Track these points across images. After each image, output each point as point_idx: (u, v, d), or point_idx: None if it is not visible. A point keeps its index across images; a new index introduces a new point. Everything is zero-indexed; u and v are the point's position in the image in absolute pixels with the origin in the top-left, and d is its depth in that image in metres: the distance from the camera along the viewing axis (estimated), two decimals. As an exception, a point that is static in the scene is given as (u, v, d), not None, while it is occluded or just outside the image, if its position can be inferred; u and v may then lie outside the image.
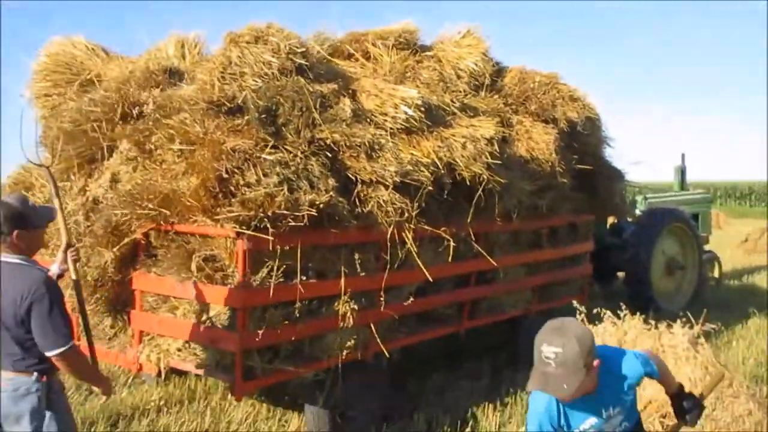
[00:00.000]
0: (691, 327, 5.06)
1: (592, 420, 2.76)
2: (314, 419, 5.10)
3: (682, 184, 12.08)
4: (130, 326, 5.02)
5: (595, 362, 2.59)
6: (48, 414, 3.24)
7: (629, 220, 10.07)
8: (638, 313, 5.28)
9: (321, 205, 4.44)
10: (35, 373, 3.20)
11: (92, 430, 5.28)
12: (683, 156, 12.06)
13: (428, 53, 6.21)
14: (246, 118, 4.58)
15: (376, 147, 4.79)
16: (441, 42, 6.39)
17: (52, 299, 3.16)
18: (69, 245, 3.83)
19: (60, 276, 3.82)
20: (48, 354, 3.14)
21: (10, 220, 3.18)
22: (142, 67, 5.48)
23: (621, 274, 10.02)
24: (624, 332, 5.07)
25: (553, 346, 2.54)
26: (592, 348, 2.59)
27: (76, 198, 5.09)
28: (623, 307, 5.33)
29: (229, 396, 5.93)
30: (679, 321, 4.97)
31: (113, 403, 5.91)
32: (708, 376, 4.55)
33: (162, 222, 4.61)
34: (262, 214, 4.25)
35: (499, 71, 6.70)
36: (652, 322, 5.12)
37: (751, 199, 45.63)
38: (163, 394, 6.11)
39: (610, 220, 10.17)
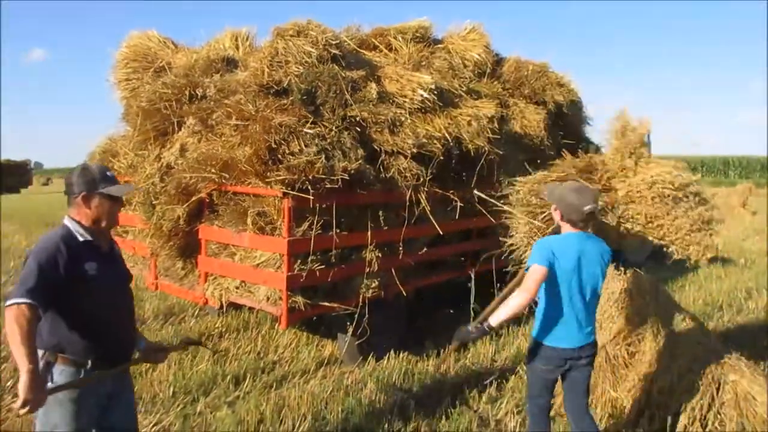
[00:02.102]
0: (653, 273, 5.02)
1: (573, 261, 3.04)
2: (345, 345, 5.15)
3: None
4: (197, 268, 5.06)
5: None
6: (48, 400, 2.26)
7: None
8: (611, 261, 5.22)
9: (352, 171, 4.42)
10: (42, 351, 2.38)
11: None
12: (648, 134, 11.84)
13: (440, 45, 6.10)
14: (290, 98, 4.54)
15: (397, 123, 4.75)
16: (450, 36, 6.27)
17: (35, 251, 2.42)
18: None
19: None
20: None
21: (81, 181, 2.62)
22: (204, 57, 5.43)
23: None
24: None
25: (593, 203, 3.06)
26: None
27: (153, 164, 5.09)
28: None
29: (276, 326, 6.01)
30: (644, 268, 4.92)
31: (183, 329, 6.01)
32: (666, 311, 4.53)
33: (222, 184, 4.61)
34: (304, 178, 4.25)
35: (499, 61, 6.58)
36: (622, 269, 5.07)
37: (703, 170, 45.02)
38: (223, 324, 6.17)
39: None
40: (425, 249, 5.34)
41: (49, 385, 2.37)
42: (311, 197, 4.28)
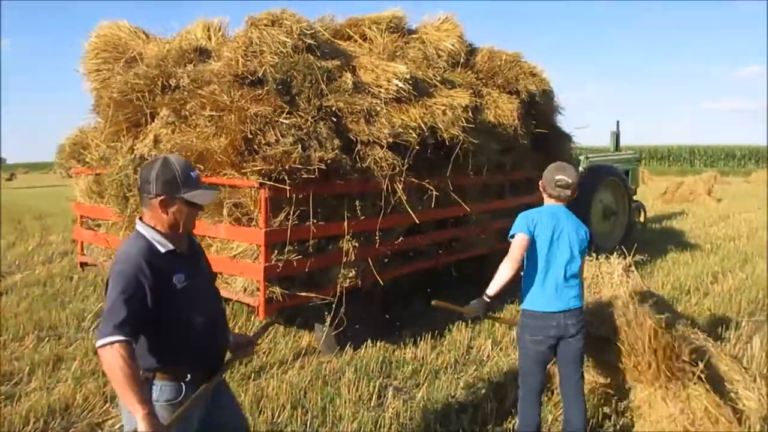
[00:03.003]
0: (625, 258, 5.12)
1: (549, 228, 3.25)
2: (323, 335, 5.16)
3: (617, 146, 12.08)
4: (173, 261, 5.01)
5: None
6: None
7: (574, 175, 10.07)
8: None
9: (328, 161, 4.42)
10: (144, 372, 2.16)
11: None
12: (618, 123, 12.04)
13: (414, 36, 6.09)
14: (265, 88, 4.50)
15: (373, 113, 4.75)
16: (424, 26, 6.27)
17: (114, 276, 2.10)
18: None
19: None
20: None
21: (161, 182, 2.16)
22: (176, 47, 5.35)
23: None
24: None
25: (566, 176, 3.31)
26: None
27: (126, 156, 5.02)
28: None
29: (253, 317, 5.98)
30: (615, 254, 5.01)
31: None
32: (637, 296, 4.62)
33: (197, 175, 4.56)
34: (280, 168, 4.23)
35: (472, 51, 6.60)
36: (593, 255, 5.17)
37: (669, 159, 45.87)
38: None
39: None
40: (401, 238, 5.36)
41: (162, 414, 2.11)
42: (288, 187, 4.27)
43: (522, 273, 3.36)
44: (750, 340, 5.55)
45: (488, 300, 3.29)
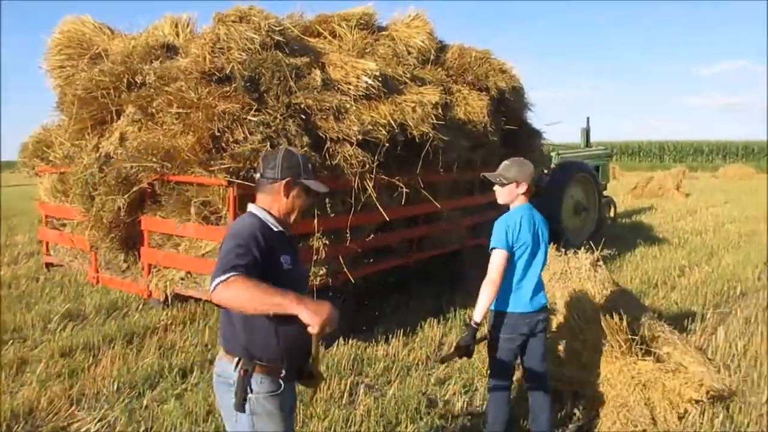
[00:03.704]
0: (592, 253, 5.19)
1: (529, 232, 3.24)
2: (294, 333, 5.13)
3: (587, 142, 12.25)
4: (140, 260, 4.96)
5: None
6: (243, 418, 2.13)
7: (545, 171, 10.20)
8: (552, 243, 5.37)
9: (298, 159, 4.40)
10: (236, 358, 2.16)
11: (112, 346, 5.22)
12: (588, 119, 12.22)
13: (384, 33, 6.10)
14: (233, 86, 4.47)
15: (342, 110, 4.75)
16: (394, 23, 6.27)
17: (230, 235, 2.12)
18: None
19: None
20: (212, 288, 1.97)
21: (287, 166, 2.24)
22: (142, 43, 5.28)
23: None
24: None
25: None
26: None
27: (91, 154, 4.94)
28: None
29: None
30: (582, 249, 5.08)
31: (127, 323, 5.87)
32: (604, 290, 4.69)
33: (164, 173, 4.52)
34: (248, 166, 4.21)
35: (442, 48, 6.62)
36: (563, 250, 5.24)
37: (640, 155, 46.62)
38: (169, 316, 6.07)
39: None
40: (372, 236, 5.37)
41: (250, 396, 2.14)
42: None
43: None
44: (715, 331, 5.69)
45: (476, 326, 3.23)
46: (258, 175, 2.31)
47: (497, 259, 3.17)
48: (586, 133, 12.18)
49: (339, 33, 5.73)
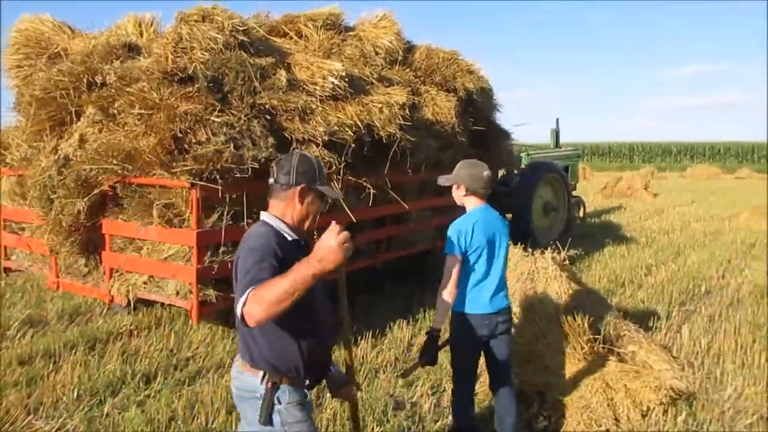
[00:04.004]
0: (559, 253, 5.22)
1: (484, 233, 3.23)
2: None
3: (557, 143, 12.35)
4: (102, 264, 4.85)
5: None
6: (273, 429, 2.13)
7: (515, 172, 10.26)
8: (519, 244, 5.40)
9: (262, 160, 4.34)
10: (261, 372, 2.14)
11: (73, 352, 5.09)
12: (557, 120, 12.33)
13: (351, 33, 6.07)
14: (196, 86, 4.39)
15: (308, 111, 4.70)
16: (362, 24, 6.24)
17: (247, 248, 2.06)
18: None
19: None
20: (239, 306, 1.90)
21: (302, 171, 2.19)
22: (103, 42, 5.15)
23: (510, 215, 10.24)
24: (508, 259, 5.18)
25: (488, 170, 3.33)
26: None
27: (49, 156, 4.81)
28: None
29: (190, 321, 5.84)
30: (549, 249, 5.10)
31: (90, 329, 5.74)
32: (570, 290, 4.72)
33: (126, 175, 4.42)
34: (212, 168, 4.14)
35: (410, 48, 6.60)
36: (530, 250, 5.26)
37: (610, 156, 47.32)
38: (133, 321, 5.94)
39: (501, 172, 10.34)
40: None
41: (279, 407, 2.13)
42: (220, 187, 4.17)
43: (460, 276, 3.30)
44: (680, 329, 5.77)
45: (436, 334, 3.24)
46: (271, 180, 2.24)
47: (450, 265, 3.18)
48: (556, 134, 12.29)
49: (305, 33, 5.68)
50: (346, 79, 4.93)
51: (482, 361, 3.45)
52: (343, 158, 4.87)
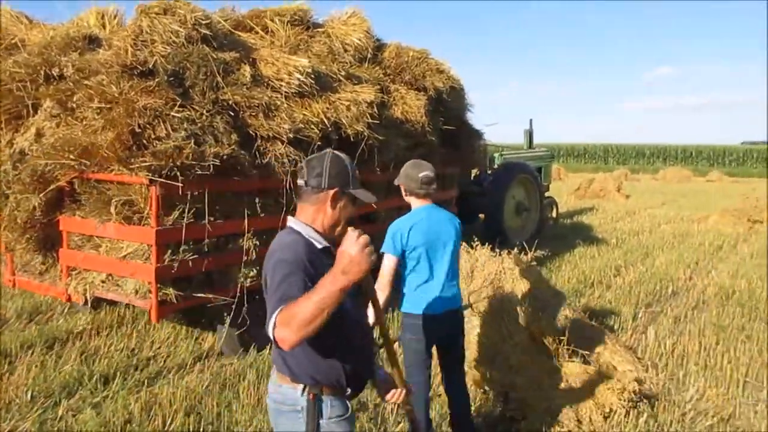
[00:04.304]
0: (526, 254, 5.22)
1: (425, 233, 3.21)
2: (223, 336, 4.99)
3: (530, 143, 12.39)
4: (59, 262, 4.71)
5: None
6: None
7: (489, 172, 10.27)
8: (487, 244, 5.38)
9: (224, 157, 4.26)
10: (301, 385, 2.06)
11: (30, 352, 4.94)
12: (531, 121, 12.35)
13: (320, 30, 5.98)
14: (156, 80, 4.28)
15: (273, 108, 4.61)
16: (331, 20, 6.15)
17: (278, 263, 1.93)
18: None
19: None
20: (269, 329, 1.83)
21: (335, 173, 2.06)
22: (62, 34, 4.99)
23: (482, 215, 10.23)
24: (476, 259, 5.16)
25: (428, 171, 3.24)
26: None
27: (4, 150, 4.66)
28: (476, 239, 5.42)
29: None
30: (516, 249, 5.08)
31: (49, 328, 5.58)
32: (536, 292, 4.71)
33: (83, 171, 4.30)
34: (171, 164, 4.04)
35: (380, 46, 6.53)
36: (498, 251, 5.24)
37: (585, 157, 47.73)
38: (95, 320, 5.80)
39: (474, 172, 10.34)
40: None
41: (322, 421, 2.05)
42: (180, 185, 4.07)
43: (405, 276, 3.31)
44: (645, 330, 5.80)
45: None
46: (301, 182, 2.09)
47: (385, 264, 3.17)
48: (529, 134, 12.32)
49: (272, 28, 5.58)
50: (313, 76, 4.85)
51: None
52: (308, 156, 4.79)
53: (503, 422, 3.93)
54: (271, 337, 1.81)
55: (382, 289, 3.10)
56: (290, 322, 1.74)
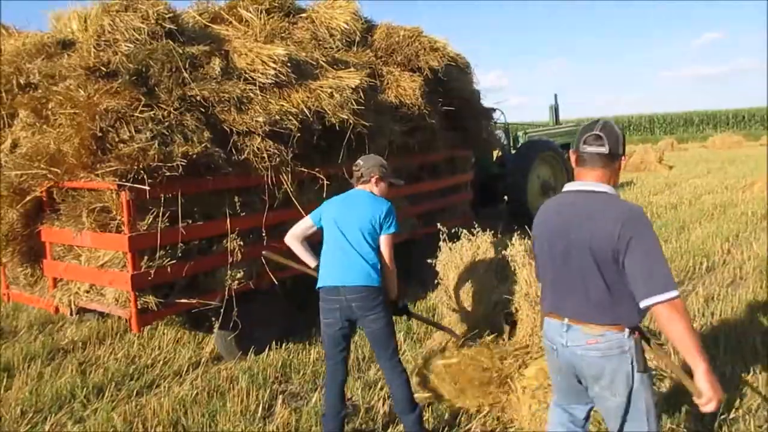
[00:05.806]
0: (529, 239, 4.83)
1: (334, 211, 3.47)
2: (221, 340, 4.82)
3: (556, 120, 11.86)
4: (44, 274, 4.61)
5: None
6: (639, 376, 2.28)
7: (512, 152, 9.83)
8: (488, 230, 5.02)
9: (194, 156, 4.04)
10: (627, 329, 2.26)
11: (31, 364, 4.89)
12: (555, 96, 11.82)
13: (302, 15, 5.70)
14: (119, 80, 4.09)
15: (245, 101, 4.36)
16: (316, 5, 5.87)
17: (648, 226, 2.21)
18: None
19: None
20: (651, 301, 2.09)
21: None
22: (35, 40, 4.88)
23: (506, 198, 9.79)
24: (477, 246, 4.83)
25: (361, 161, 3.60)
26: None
27: (-19, 163, 4.58)
28: (476, 226, 5.07)
29: (158, 326, 5.61)
30: (516, 236, 4.69)
31: (55, 339, 5.55)
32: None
33: (55, 180, 4.16)
34: (137, 167, 3.85)
35: (369, 28, 6.21)
36: (499, 236, 4.88)
37: (630, 129, 46.05)
38: (100, 328, 5.73)
39: (496, 153, 9.91)
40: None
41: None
42: (148, 188, 3.88)
43: None
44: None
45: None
46: (605, 150, 2.30)
47: (300, 221, 3.64)
48: (555, 110, 11.79)
49: (246, 18, 5.31)
50: (289, 65, 4.57)
51: None
52: (290, 149, 4.54)
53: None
54: (656, 299, 2.08)
55: (288, 235, 3.62)
56: (681, 320, 2.07)
